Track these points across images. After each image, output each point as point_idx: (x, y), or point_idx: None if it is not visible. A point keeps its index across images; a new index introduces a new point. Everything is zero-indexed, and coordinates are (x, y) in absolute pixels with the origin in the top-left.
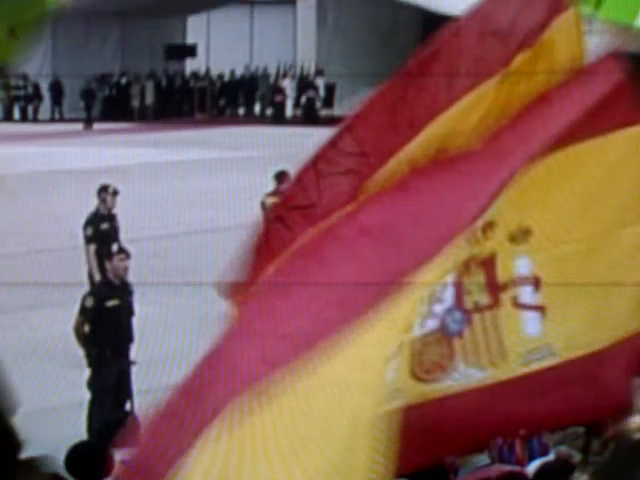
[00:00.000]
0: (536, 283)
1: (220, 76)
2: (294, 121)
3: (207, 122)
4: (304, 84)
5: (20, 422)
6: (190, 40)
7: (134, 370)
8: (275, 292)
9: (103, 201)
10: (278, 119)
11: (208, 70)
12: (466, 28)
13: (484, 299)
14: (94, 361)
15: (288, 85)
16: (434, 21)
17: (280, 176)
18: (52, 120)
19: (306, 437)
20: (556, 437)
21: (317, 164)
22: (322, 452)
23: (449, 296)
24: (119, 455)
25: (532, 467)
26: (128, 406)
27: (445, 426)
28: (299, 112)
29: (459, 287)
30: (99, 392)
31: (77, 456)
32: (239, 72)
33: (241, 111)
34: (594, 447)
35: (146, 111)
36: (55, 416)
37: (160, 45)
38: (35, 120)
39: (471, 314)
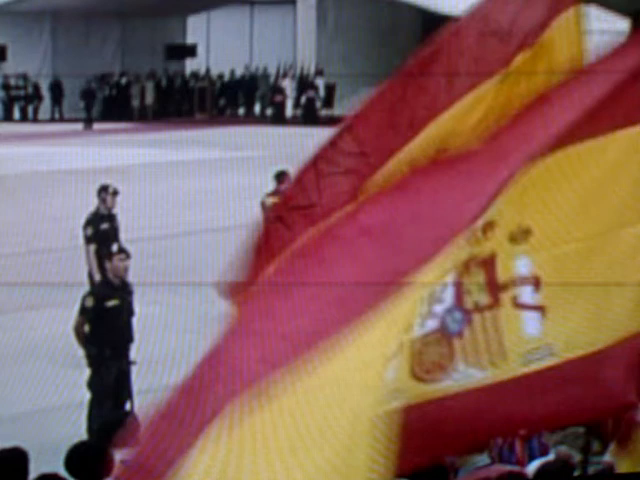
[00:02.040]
0: (536, 283)
1: (220, 76)
2: (294, 121)
3: (207, 122)
4: (304, 84)
5: (20, 422)
6: (190, 40)
7: (134, 370)
8: (275, 292)
9: (103, 201)
10: (278, 119)
11: (208, 70)
12: (466, 28)
13: (484, 299)
14: (94, 361)
15: (288, 85)
16: (434, 21)
17: (280, 176)
18: (52, 120)
19: (306, 437)
20: (556, 437)
21: (317, 164)
22: (322, 452)
23: (449, 296)
24: (119, 455)
25: (532, 467)
26: (128, 406)
27: (445, 426)
28: (299, 112)
29: (459, 287)
30: (99, 392)
31: (77, 456)
32: (239, 72)
33: (241, 111)
34: (594, 447)
35: (146, 111)
36: (55, 416)
37: (160, 45)
38: (35, 120)
39: (471, 314)
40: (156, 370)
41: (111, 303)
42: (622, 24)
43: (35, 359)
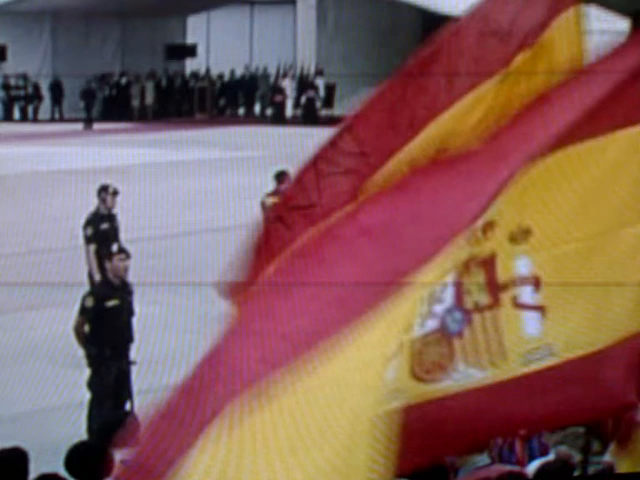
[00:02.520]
0: (536, 283)
1: (220, 76)
2: (294, 121)
3: (207, 122)
4: (304, 84)
5: (20, 422)
6: (190, 40)
7: (134, 370)
8: (275, 292)
9: (103, 201)
10: (278, 119)
11: (208, 70)
12: (466, 28)
13: (484, 299)
14: (94, 361)
15: (288, 85)
16: (434, 21)
17: (280, 176)
18: (52, 120)
19: (306, 437)
20: (556, 437)
21: (317, 164)
22: (322, 452)
23: (449, 296)
24: (119, 455)
25: (532, 467)
26: (128, 406)
27: (445, 426)
28: (299, 112)
29: (459, 287)
30: (99, 392)
31: (77, 456)
32: (239, 72)
33: (241, 111)
34: (594, 447)
35: (146, 111)
36: (55, 416)
37: (160, 45)
38: (35, 120)
39: (471, 314)
40: (156, 370)
41: (111, 303)
42: (622, 24)
43: (35, 359)
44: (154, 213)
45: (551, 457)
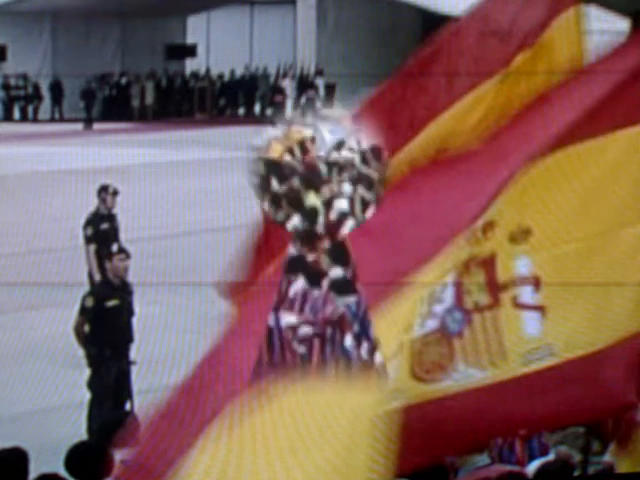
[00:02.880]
0: (536, 283)
1: (220, 76)
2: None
3: (207, 122)
4: (304, 84)
5: (20, 422)
6: (190, 40)
7: (134, 370)
8: (275, 292)
9: (103, 201)
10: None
11: (208, 70)
12: (466, 28)
13: (484, 299)
14: (94, 361)
15: (288, 85)
16: (434, 21)
17: None
18: (52, 120)
19: (306, 437)
20: (556, 437)
21: None
22: (322, 452)
23: (449, 296)
24: (119, 455)
25: (532, 467)
26: (128, 406)
27: (445, 426)
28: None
29: (459, 287)
30: (99, 392)
31: (77, 456)
32: (239, 72)
33: (241, 111)
34: (594, 447)
35: (146, 111)
36: (55, 416)
37: (160, 45)
38: (35, 120)
39: (471, 314)
40: (156, 370)
41: (111, 303)
42: (622, 24)
43: (35, 359)
44: (154, 213)
45: (551, 457)
